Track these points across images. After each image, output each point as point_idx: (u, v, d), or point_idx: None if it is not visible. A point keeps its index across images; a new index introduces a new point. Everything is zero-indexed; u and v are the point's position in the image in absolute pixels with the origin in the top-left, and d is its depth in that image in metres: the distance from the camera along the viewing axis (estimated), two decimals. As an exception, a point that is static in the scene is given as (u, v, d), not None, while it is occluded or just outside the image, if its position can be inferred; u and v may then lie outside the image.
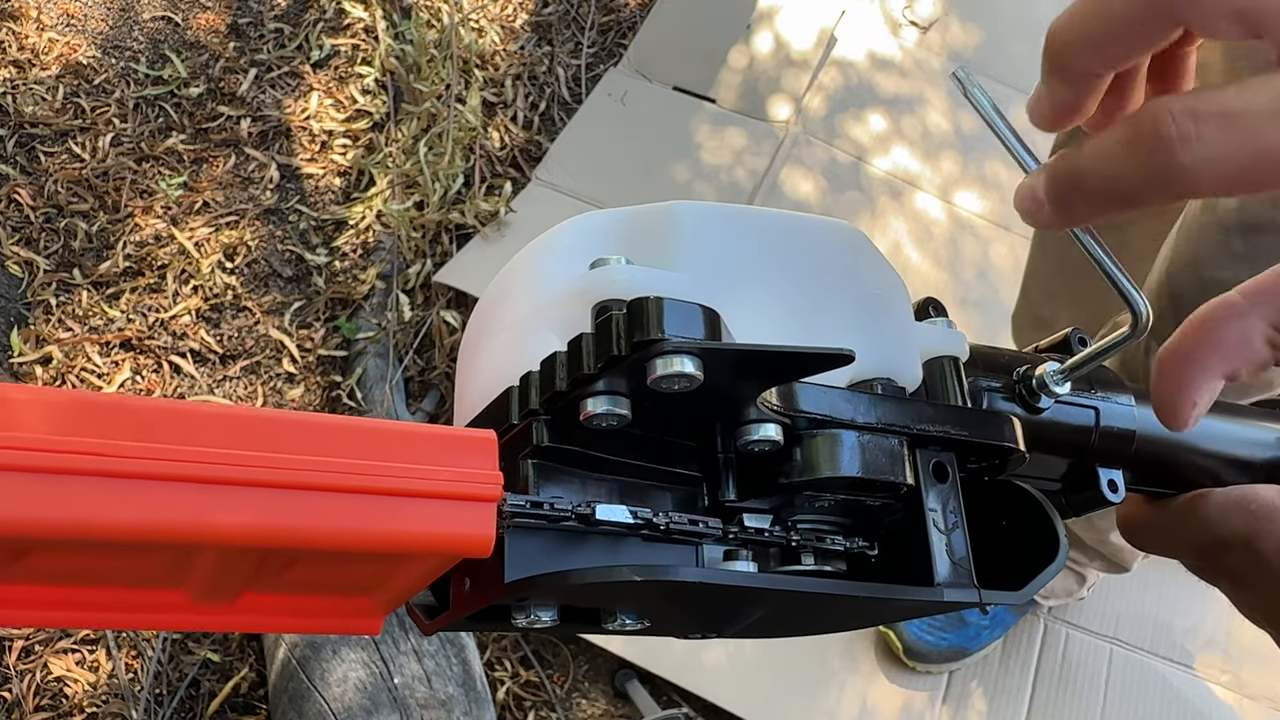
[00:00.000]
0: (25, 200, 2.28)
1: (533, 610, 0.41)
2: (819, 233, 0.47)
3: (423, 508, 0.34)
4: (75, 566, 0.35)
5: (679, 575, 0.38)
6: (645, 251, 0.43)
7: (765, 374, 0.40)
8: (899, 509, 0.46)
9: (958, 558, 0.45)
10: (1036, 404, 0.52)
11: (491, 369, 0.44)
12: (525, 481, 0.41)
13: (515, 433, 0.41)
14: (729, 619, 0.45)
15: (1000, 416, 0.48)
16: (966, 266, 2.43)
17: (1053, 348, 0.59)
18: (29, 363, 2.10)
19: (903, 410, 0.45)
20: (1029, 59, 2.71)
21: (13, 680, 1.82)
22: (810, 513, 0.46)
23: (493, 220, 2.29)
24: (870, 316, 0.46)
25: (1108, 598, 2.11)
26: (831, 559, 0.46)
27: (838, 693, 1.96)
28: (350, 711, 1.69)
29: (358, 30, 2.63)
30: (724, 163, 2.47)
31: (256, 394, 2.14)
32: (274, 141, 2.46)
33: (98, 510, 0.30)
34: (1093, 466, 0.55)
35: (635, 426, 0.40)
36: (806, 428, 0.43)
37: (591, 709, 1.96)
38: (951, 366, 0.49)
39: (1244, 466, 0.59)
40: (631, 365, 0.38)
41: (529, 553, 0.39)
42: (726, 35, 2.69)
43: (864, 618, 0.51)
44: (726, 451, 0.44)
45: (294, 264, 2.32)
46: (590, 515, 0.39)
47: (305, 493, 0.33)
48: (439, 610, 0.44)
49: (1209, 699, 2.05)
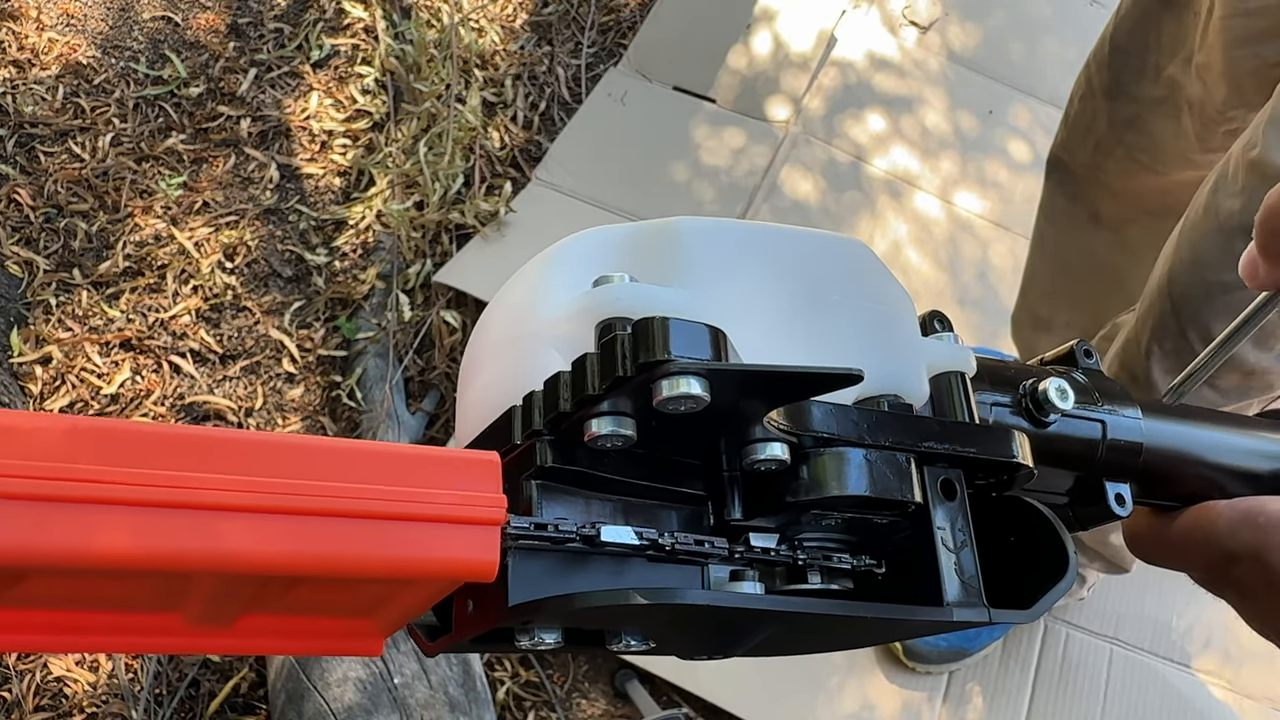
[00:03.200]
0: (25, 200, 2.28)
1: (537, 632, 0.41)
2: (824, 248, 0.46)
3: (424, 532, 0.34)
4: (71, 591, 0.35)
5: (685, 598, 0.38)
6: (649, 268, 0.43)
7: (772, 394, 0.40)
8: (907, 527, 0.45)
9: (967, 576, 0.44)
10: (1043, 418, 0.52)
11: (494, 387, 0.44)
12: (529, 502, 0.40)
13: (518, 453, 0.41)
14: (736, 639, 0.45)
15: (1007, 432, 0.47)
16: (966, 266, 2.43)
17: (1058, 359, 0.58)
18: (29, 363, 2.09)
19: (910, 428, 0.44)
20: (1029, 59, 2.71)
21: (13, 680, 1.81)
22: (817, 531, 0.45)
23: (493, 220, 2.28)
24: (877, 333, 0.45)
25: (1108, 598, 2.11)
26: (838, 577, 0.46)
27: (838, 693, 1.96)
28: (350, 711, 1.69)
29: (358, 30, 2.62)
30: (724, 163, 2.46)
31: (256, 394, 2.14)
32: (274, 141, 2.46)
33: (94, 539, 0.30)
34: (1100, 480, 0.54)
35: (640, 446, 0.40)
36: (813, 446, 0.42)
37: (591, 709, 1.95)
38: (958, 382, 0.48)
39: (1250, 479, 0.58)
40: (637, 386, 0.38)
41: (533, 575, 0.39)
42: (726, 35, 2.68)
43: (872, 636, 0.51)
44: (732, 470, 0.43)
45: (294, 264, 2.31)
46: (595, 537, 0.39)
47: (305, 518, 0.32)
48: (441, 631, 0.43)
49: (1209, 699, 2.04)
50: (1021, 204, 2.48)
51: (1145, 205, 1.54)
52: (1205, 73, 1.32)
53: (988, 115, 2.65)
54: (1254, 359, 1.24)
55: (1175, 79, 1.38)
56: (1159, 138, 1.45)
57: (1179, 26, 1.35)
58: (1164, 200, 1.49)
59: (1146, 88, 1.42)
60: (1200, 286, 1.23)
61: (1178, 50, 1.36)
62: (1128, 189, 1.54)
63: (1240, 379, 1.27)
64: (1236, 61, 1.26)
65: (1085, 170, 1.58)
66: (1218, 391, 1.29)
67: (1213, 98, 1.32)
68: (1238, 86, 1.28)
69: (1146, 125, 1.45)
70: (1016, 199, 2.52)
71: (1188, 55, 1.35)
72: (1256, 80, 1.24)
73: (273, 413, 2.13)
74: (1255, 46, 1.23)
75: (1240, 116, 1.29)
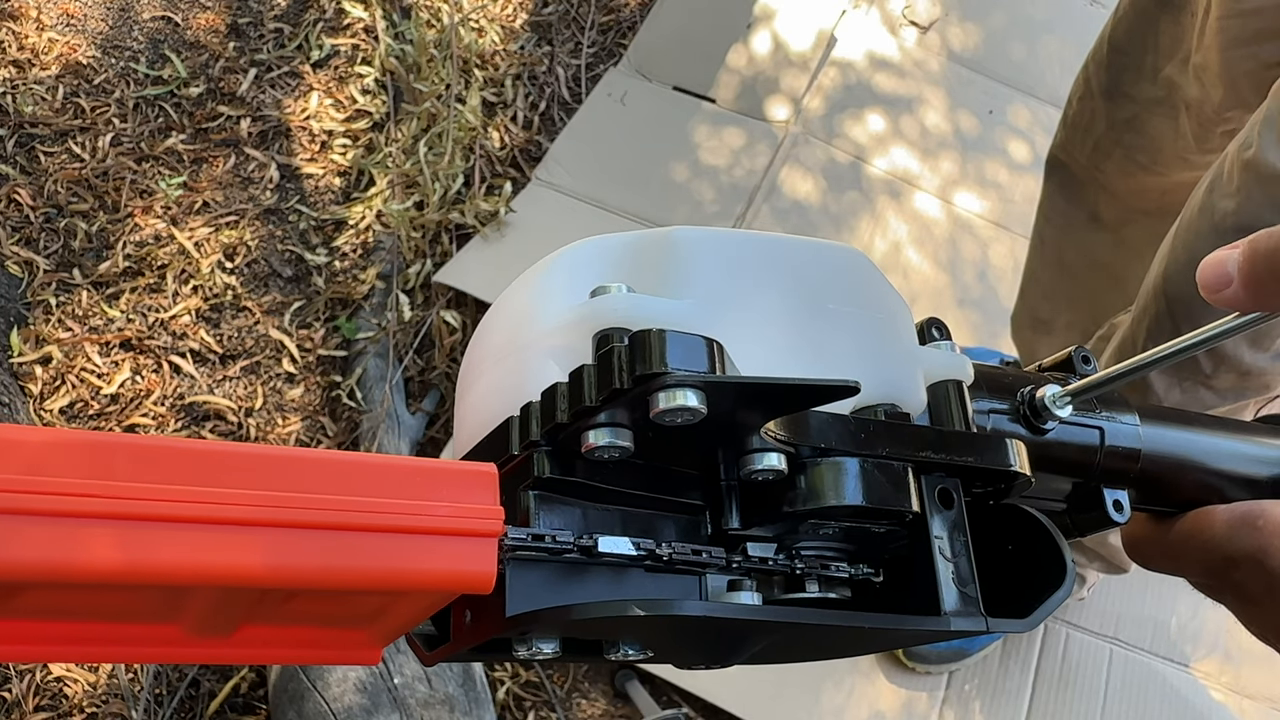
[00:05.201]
0: (25, 200, 2.28)
1: (534, 643, 0.41)
2: (821, 257, 0.46)
3: (423, 544, 0.34)
4: (70, 603, 0.35)
5: (683, 610, 0.38)
6: (646, 278, 0.43)
7: (769, 406, 0.40)
8: (904, 536, 0.45)
9: (964, 585, 0.44)
10: (1041, 425, 0.52)
11: (491, 396, 0.44)
12: (526, 513, 0.40)
13: (515, 463, 0.41)
14: (734, 649, 0.45)
15: (1005, 441, 0.47)
16: (966, 266, 2.42)
17: (1056, 366, 0.58)
18: (29, 363, 2.09)
19: (907, 437, 0.44)
20: (1029, 59, 2.71)
21: (13, 680, 1.82)
22: (814, 540, 0.45)
23: (493, 220, 2.28)
24: (874, 342, 0.45)
25: (1108, 598, 2.11)
26: (836, 586, 0.46)
27: (838, 693, 1.96)
28: (350, 711, 1.69)
29: (358, 30, 2.62)
30: (723, 163, 2.46)
31: (256, 394, 2.14)
32: (274, 141, 2.46)
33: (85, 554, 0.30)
34: (1098, 487, 0.54)
35: (637, 456, 0.40)
36: (810, 456, 0.42)
37: (591, 709, 1.95)
38: (955, 391, 0.48)
39: (1248, 483, 0.58)
40: (634, 398, 0.38)
41: (531, 586, 0.39)
42: (726, 35, 2.68)
43: (870, 645, 0.51)
44: (730, 480, 0.43)
45: (294, 264, 2.31)
46: (592, 547, 0.39)
47: (302, 531, 0.32)
48: (439, 640, 0.44)
49: (1209, 699, 2.04)
50: (1021, 204, 2.48)
51: (1144, 206, 1.54)
52: (1202, 73, 1.32)
53: (988, 115, 2.65)
54: (1250, 359, 1.24)
55: (1173, 79, 1.38)
56: (1157, 138, 1.45)
57: (1177, 27, 1.35)
58: (1162, 201, 1.49)
59: (1145, 88, 1.42)
60: (1195, 286, 1.23)
61: (1175, 51, 1.36)
62: (1126, 189, 1.55)
63: (1236, 379, 1.27)
64: (1233, 62, 1.26)
65: (1084, 171, 1.58)
66: (1214, 392, 1.29)
67: (1210, 98, 1.32)
68: (1234, 87, 1.28)
69: (1145, 126, 1.45)
70: (1016, 199, 2.52)
71: (1185, 56, 1.35)
72: (1253, 80, 1.24)
73: (272, 413, 2.14)
74: (1251, 47, 1.23)
75: (1237, 117, 1.29)
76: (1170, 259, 1.27)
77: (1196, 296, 1.30)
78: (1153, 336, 1.30)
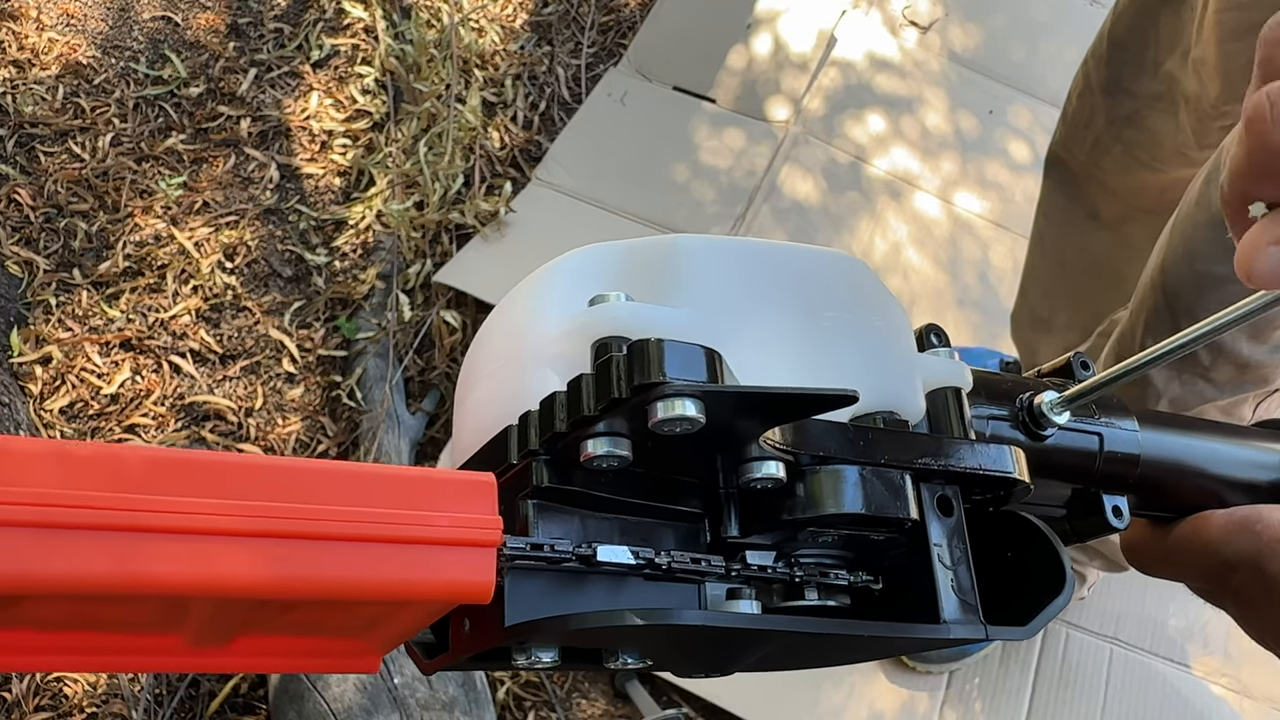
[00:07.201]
0: (25, 200, 2.28)
1: (533, 651, 0.41)
2: (820, 265, 0.46)
3: (421, 555, 0.34)
4: (69, 614, 0.35)
5: (682, 619, 0.38)
6: (645, 286, 0.43)
7: (767, 415, 0.40)
8: (903, 543, 0.45)
9: (964, 593, 0.44)
10: (1040, 432, 0.52)
11: (490, 404, 0.44)
12: (525, 522, 0.40)
13: (514, 472, 0.41)
14: (733, 657, 0.45)
15: (1004, 448, 0.47)
16: (966, 266, 2.42)
17: (1055, 372, 0.58)
18: (29, 363, 2.09)
19: (906, 445, 0.44)
20: (1029, 59, 2.71)
21: (13, 680, 1.82)
22: (813, 548, 0.45)
23: (493, 220, 2.28)
24: (873, 350, 0.45)
25: (1108, 598, 2.11)
26: (835, 593, 0.46)
27: (837, 693, 1.96)
28: (350, 711, 1.69)
29: (358, 30, 2.62)
30: (723, 163, 2.46)
31: (256, 394, 2.14)
32: (274, 141, 2.46)
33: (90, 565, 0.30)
34: (1097, 493, 0.54)
35: (636, 465, 0.40)
36: (809, 464, 0.42)
37: (591, 709, 1.95)
38: (954, 398, 0.48)
39: (1247, 489, 0.58)
40: (632, 408, 0.38)
41: (530, 595, 0.39)
42: (726, 35, 2.68)
43: (870, 652, 0.51)
44: (729, 488, 0.43)
45: (294, 264, 2.31)
46: (591, 556, 0.39)
47: (300, 542, 0.32)
48: (438, 649, 0.43)
49: (1209, 699, 2.04)
50: (1021, 204, 2.48)
51: (1143, 203, 1.54)
52: (1201, 67, 1.31)
53: (988, 115, 2.64)
54: (1248, 352, 1.24)
55: (1173, 74, 1.38)
56: (1157, 134, 1.45)
57: (1177, 21, 1.34)
58: (1162, 198, 1.49)
59: (1145, 83, 1.42)
60: (1192, 278, 1.23)
61: (1175, 45, 1.36)
62: (1126, 186, 1.54)
63: (1234, 372, 1.26)
64: (1230, 55, 1.25)
65: (1083, 168, 1.57)
66: (1213, 385, 1.28)
67: (1208, 92, 1.32)
68: (1231, 81, 1.27)
69: (1144, 122, 1.45)
70: (1016, 199, 2.52)
71: (1185, 50, 1.34)
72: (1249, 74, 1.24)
73: (272, 413, 2.14)
74: (1248, 39, 1.23)
75: (1234, 111, 1.29)
76: (1168, 251, 1.27)
77: (1193, 287, 1.28)
78: (1151, 329, 1.30)
